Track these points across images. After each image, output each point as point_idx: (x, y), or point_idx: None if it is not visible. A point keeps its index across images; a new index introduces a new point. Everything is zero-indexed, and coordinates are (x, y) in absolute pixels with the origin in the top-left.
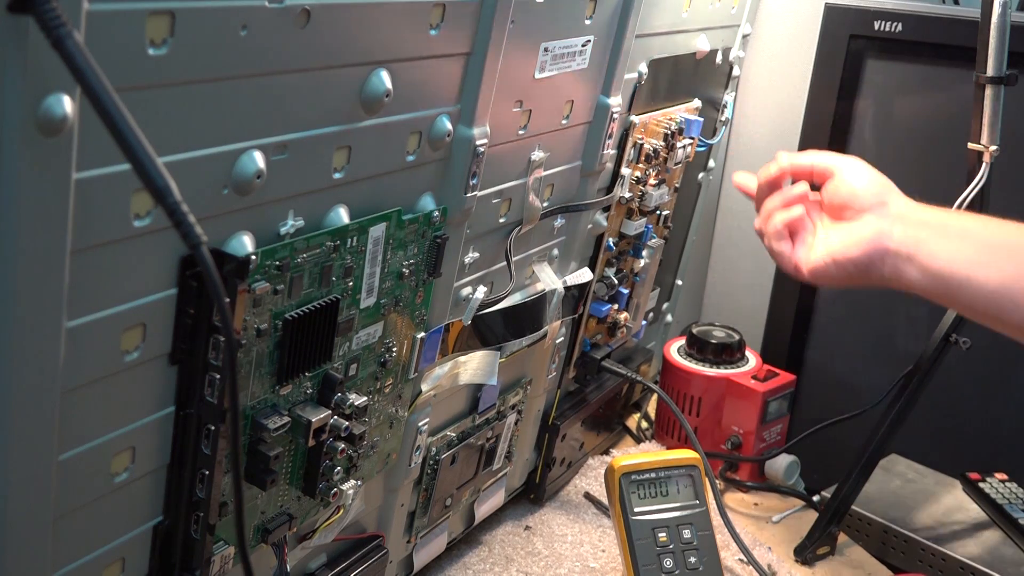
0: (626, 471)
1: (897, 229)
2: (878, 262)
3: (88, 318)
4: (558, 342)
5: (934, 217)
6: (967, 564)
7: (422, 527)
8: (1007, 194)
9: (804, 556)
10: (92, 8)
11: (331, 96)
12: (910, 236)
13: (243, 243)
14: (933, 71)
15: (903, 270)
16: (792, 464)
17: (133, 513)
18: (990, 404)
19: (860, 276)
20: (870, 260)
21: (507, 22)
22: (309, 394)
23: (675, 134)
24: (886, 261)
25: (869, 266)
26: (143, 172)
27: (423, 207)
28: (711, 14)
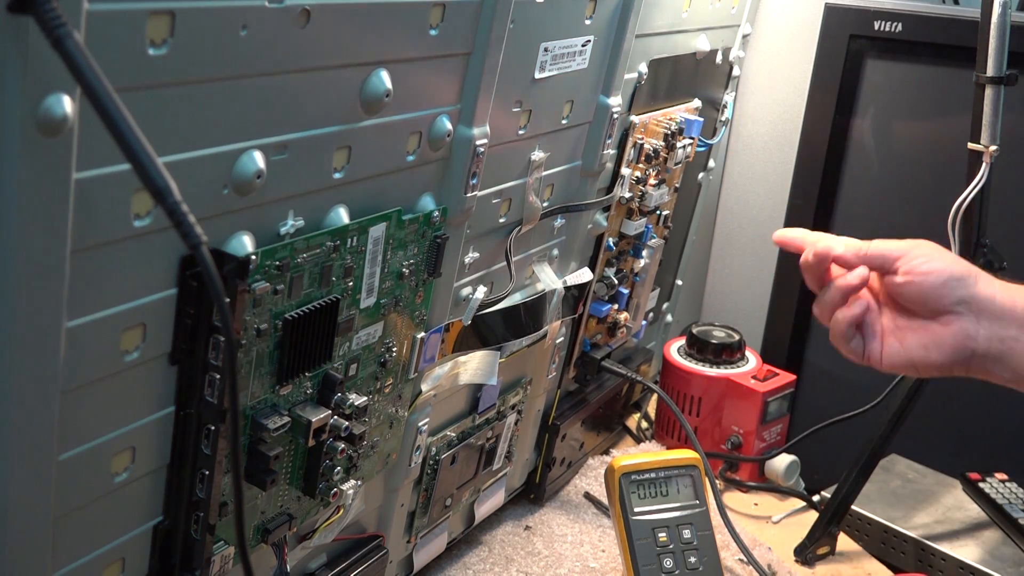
0: (626, 471)
1: (983, 330)
2: (962, 363)
3: (88, 318)
4: (558, 342)
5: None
6: (967, 564)
7: (422, 527)
8: (1007, 194)
9: (804, 556)
10: (92, 8)
11: (331, 96)
12: (997, 336)
13: (243, 243)
14: (933, 71)
15: (992, 370)
16: (792, 464)
17: (133, 513)
18: (990, 404)
19: (943, 373)
20: (953, 363)
21: (507, 22)
22: (309, 394)
23: (675, 134)
24: (972, 363)
25: (952, 367)
26: (143, 172)
27: (423, 207)
28: (711, 14)
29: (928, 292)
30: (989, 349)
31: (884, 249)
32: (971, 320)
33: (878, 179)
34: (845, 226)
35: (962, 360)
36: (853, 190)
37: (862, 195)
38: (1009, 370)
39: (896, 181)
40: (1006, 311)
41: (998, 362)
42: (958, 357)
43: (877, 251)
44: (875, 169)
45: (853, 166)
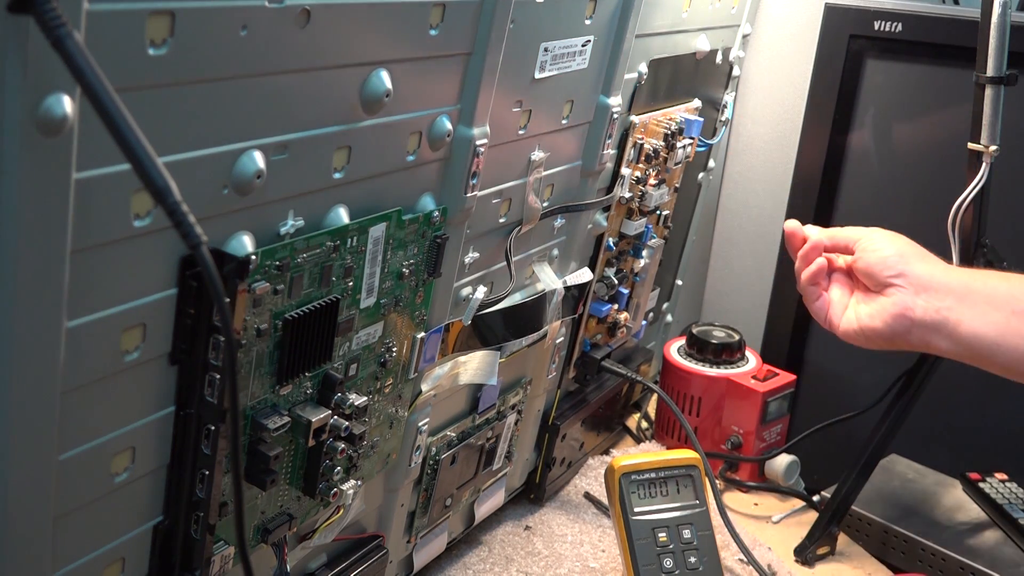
0: (626, 471)
1: (920, 301)
2: (904, 333)
3: (88, 318)
4: (558, 342)
5: (958, 282)
6: (967, 564)
7: (422, 527)
8: (1007, 194)
9: (804, 556)
10: (92, 8)
11: (331, 96)
12: (933, 307)
13: (243, 243)
14: (933, 71)
15: (930, 340)
16: (792, 464)
17: (133, 513)
18: (990, 404)
19: (889, 344)
20: (894, 332)
21: (507, 22)
22: (309, 394)
23: (675, 134)
24: (912, 332)
25: (894, 337)
26: (143, 172)
27: (423, 207)
28: (711, 14)
29: (873, 266)
30: (925, 318)
31: (847, 232)
32: (909, 293)
33: (878, 179)
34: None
35: (903, 329)
36: (853, 190)
37: (862, 195)
38: (945, 338)
39: (896, 181)
40: (942, 285)
41: (935, 331)
42: (899, 326)
43: (842, 234)
44: (875, 169)
45: (853, 166)
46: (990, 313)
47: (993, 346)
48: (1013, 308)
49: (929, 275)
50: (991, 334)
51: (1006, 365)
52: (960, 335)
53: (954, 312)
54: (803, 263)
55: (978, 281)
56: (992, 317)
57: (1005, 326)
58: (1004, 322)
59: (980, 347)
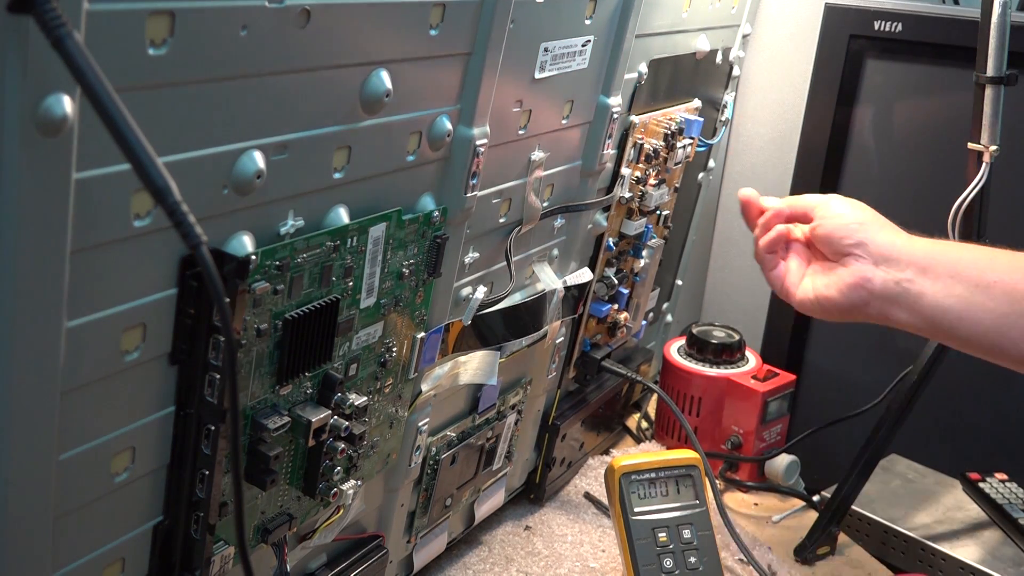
0: (626, 471)
1: (879, 273)
2: (861, 305)
3: (88, 318)
4: (558, 342)
5: (921, 252)
6: (967, 564)
7: (422, 527)
8: (1007, 194)
9: (804, 556)
10: (92, 8)
11: (331, 96)
12: (893, 278)
13: (243, 243)
14: (933, 71)
15: (889, 312)
16: (792, 464)
17: (133, 513)
18: (990, 404)
19: (846, 316)
20: (851, 303)
21: (507, 22)
22: (309, 394)
23: (675, 134)
24: (871, 304)
25: (852, 309)
26: (143, 172)
27: (423, 207)
28: (711, 14)
29: (831, 234)
30: (885, 290)
31: (806, 199)
32: (868, 263)
33: (878, 179)
34: None
35: (861, 301)
36: (853, 190)
37: (862, 195)
38: (905, 310)
39: (896, 181)
40: (902, 255)
41: (895, 303)
42: (856, 297)
43: (800, 202)
44: (875, 169)
45: (853, 166)
46: (953, 285)
47: (956, 320)
48: (977, 281)
49: (890, 244)
50: (955, 307)
51: (967, 339)
52: (921, 308)
53: (915, 284)
54: (762, 231)
55: (941, 252)
56: (955, 290)
57: (969, 299)
58: (968, 295)
59: (942, 320)
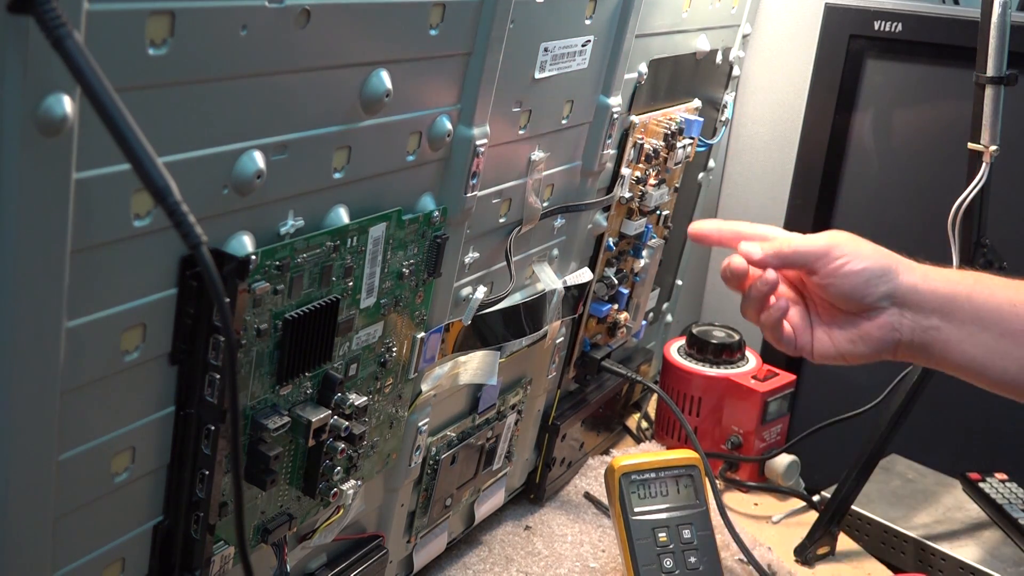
0: (626, 471)
1: (907, 321)
2: (888, 354)
3: (88, 318)
4: (558, 342)
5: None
6: (967, 564)
7: (422, 527)
8: (1007, 194)
9: (804, 556)
10: (92, 8)
11: (331, 96)
12: (920, 326)
13: (243, 243)
14: (933, 71)
15: (916, 357)
16: (792, 464)
17: (133, 513)
18: (990, 404)
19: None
20: (879, 353)
21: (507, 22)
22: (309, 394)
23: (675, 134)
24: (899, 351)
25: (880, 356)
26: (143, 172)
27: (423, 207)
28: (711, 14)
29: (851, 292)
30: (913, 339)
31: (803, 250)
32: (895, 313)
33: (878, 179)
34: (845, 226)
35: (888, 351)
36: (853, 190)
37: (862, 195)
38: (933, 359)
39: (896, 181)
40: (927, 301)
41: (922, 351)
42: (885, 348)
43: (795, 253)
44: (875, 169)
45: (853, 166)
46: (978, 334)
47: (982, 368)
48: (1003, 330)
49: (912, 288)
50: (980, 356)
51: (994, 385)
52: (948, 355)
53: (942, 332)
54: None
55: (964, 295)
56: (980, 338)
57: (994, 348)
58: (993, 344)
59: (969, 367)
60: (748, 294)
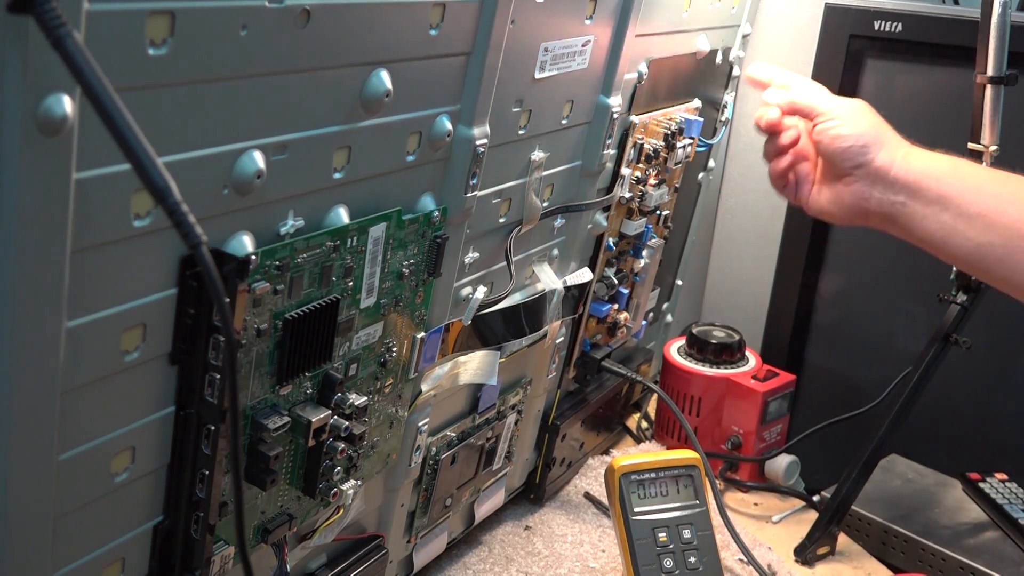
0: (626, 471)
1: (876, 192)
2: (861, 220)
3: (88, 318)
4: (558, 342)
5: (913, 176)
6: (967, 564)
7: (422, 527)
8: None
9: (804, 556)
10: (92, 8)
11: (331, 96)
12: (888, 199)
13: (243, 243)
14: (933, 71)
15: (886, 227)
16: (792, 464)
17: (133, 513)
18: (990, 404)
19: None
20: (852, 219)
21: (507, 22)
22: (309, 394)
23: (675, 134)
24: (870, 219)
25: (854, 220)
26: (143, 172)
27: (423, 207)
28: (711, 14)
29: (832, 155)
30: (880, 210)
31: (811, 104)
32: (866, 184)
33: None
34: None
35: (860, 217)
36: None
37: None
38: (898, 228)
39: None
40: (897, 180)
41: (889, 221)
42: (855, 214)
43: (805, 105)
44: None
45: None
46: (939, 212)
47: (940, 243)
48: (961, 210)
49: (887, 165)
50: (939, 232)
51: (951, 260)
52: (911, 229)
53: (907, 207)
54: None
55: (934, 175)
56: (941, 216)
57: (952, 227)
58: (952, 223)
59: (929, 242)
60: (770, 139)
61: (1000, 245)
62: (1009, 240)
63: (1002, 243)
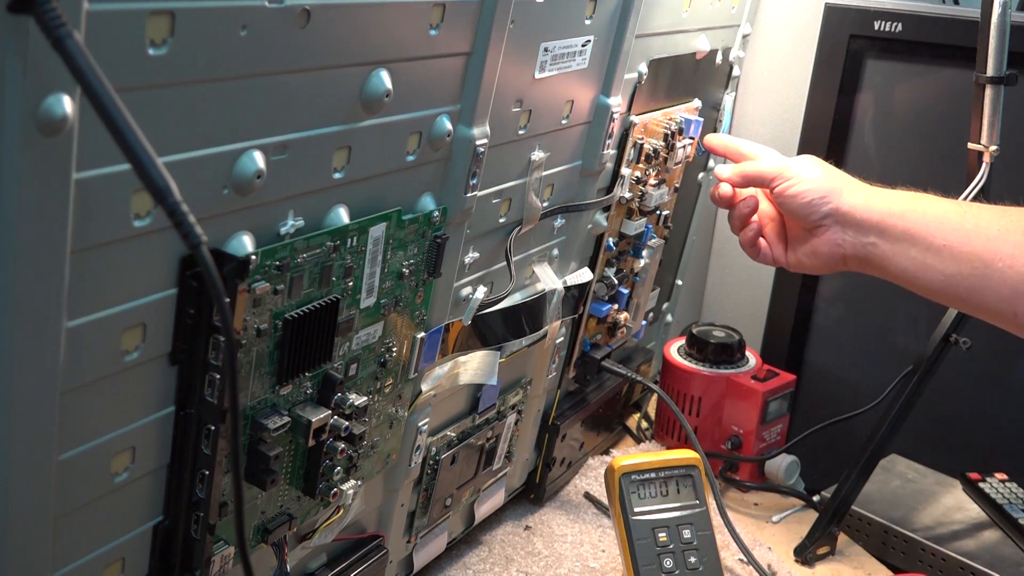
0: (626, 471)
1: (848, 237)
2: (840, 266)
3: (88, 318)
4: (558, 342)
5: (878, 217)
6: (967, 564)
7: (422, 527)
8: (1007, 194)
9: (804, 556)
10: (92, 8)
11: (331, 96)
12: (860, 242)
13: (243, 243)
14: (933, 71)
15: (864, 269)
16: (792, 464)
17: (133, 513)
18: (990, 404)
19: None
20: (832, 267)
21: (507, 22)
22: (309, 394)
23: (675, 134)
24: (848, 263)
25: (833, 268)
26: (143, 172)
27: (423, 207)
28: (711, 14)
29: (798, 211)
30: (856, 253)
31: (761, 171)
32: (838, 230)
33: (878, 179)
34: None
35: (839, 261)
36: None
37: None
38: (874, 269)
39: (896, 181)
40: (864, 220)
41: (864, 263)
42: (834, 261)
43: (755, 174)
44: (875, 169)
45: (853, 166)
46: (908, 248)
47: (913, 278)
48: (928, 244)
49: (852, 209)
50: (910, 268)
51: (927, 294)
52: (885, 268)
53: (878, 247)
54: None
55: (898, 214)
56: (910, 252)
57: (922, 261)
58: (921, 258)
59: (903, 278)
60: (732, 213)
61: (969, 274)
62: (976, 269)
63: (971, 272)
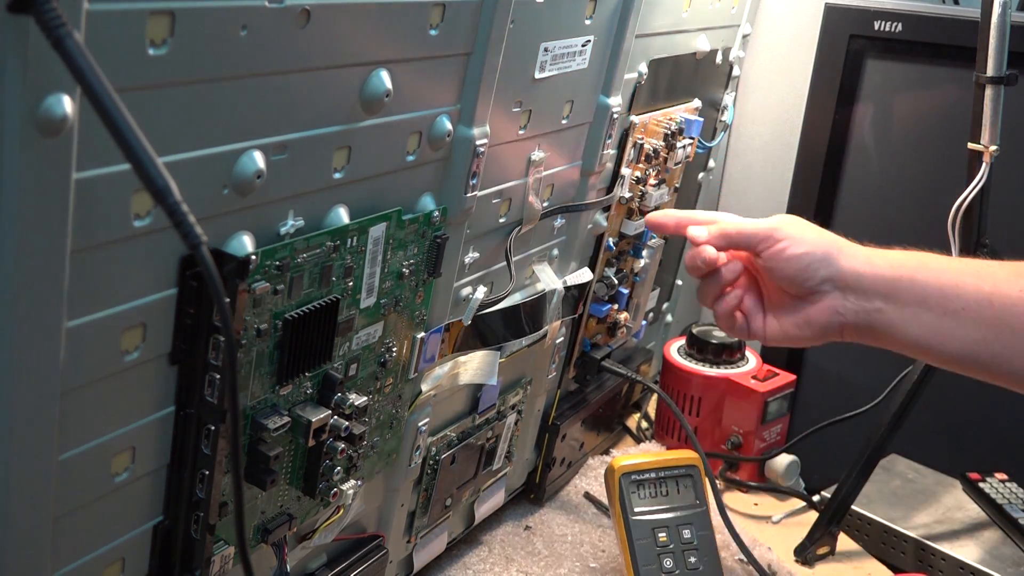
0: (626, 471)
1: (850, 304)
2: (835, 336)
3: (88, 318)
4: (558, 342)
5: (884, 282)
6: (967, 564)
7: (422, 527)
8: (1007, 194)
9: (804, 556)
10: (92, 8)
11: (331, 96)
12: (863, 309)
13: (243, 243)
14: (933, 71)
15: (863, 339)
16: (792, 464)
17: (133, 513)
18: (990, 404)
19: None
20: (828, 336)
21: (507, 22)
22: (309, 394)
23: (675, 134)
24: (845, 333)
25: (828, 338)
26: (143, 172)
27: (423, 207)
28: (711, 14)
29: (793, 276)
30: (857, 321)
31: (747, 232)
32: (838, 296)
33: (878, 179)
34: (845, 226)
35: (835, 332)
36: (853, 190)
37: (862, 195)
38: (878, 339)
39: (896, 181)
40: (868, 285)
41: (867, 332)
42: (830, 331)
43: (739, 234)
44: (875, 169)
45: (853, 166)
46: (921, 314)
47: (927, 346)
48: (944, 309)
49: (855, 273)
50: (924, 336)
51: (941, 362)
52: (892, 336)
53: (885, 314)
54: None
55: (907, 277)
56: (923, 318)
57: (938, 327)
58: (936, 323)
59: (914, 347)
60: (707, 282)
61: (993, 340)
62: (1001, 334)
63: (995, 337)
